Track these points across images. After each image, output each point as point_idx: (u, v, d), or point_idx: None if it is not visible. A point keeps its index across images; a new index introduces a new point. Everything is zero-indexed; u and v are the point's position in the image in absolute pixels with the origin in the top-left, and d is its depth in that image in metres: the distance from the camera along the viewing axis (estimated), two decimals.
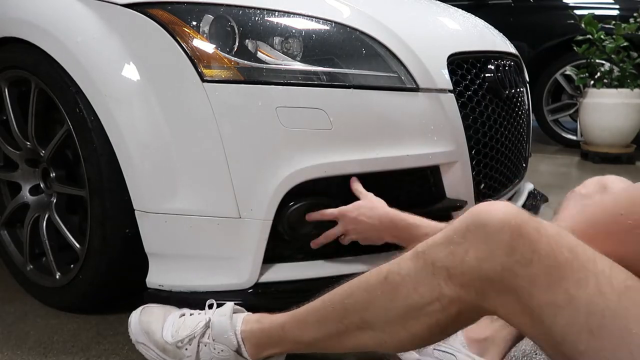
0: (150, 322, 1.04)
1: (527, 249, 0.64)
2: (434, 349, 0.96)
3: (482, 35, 1.51)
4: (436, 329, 0.75)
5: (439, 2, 1.68)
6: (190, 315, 1.03)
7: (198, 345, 0.98)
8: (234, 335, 0.95)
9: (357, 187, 1.13)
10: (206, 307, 1.03)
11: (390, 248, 1.10)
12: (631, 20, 3.46)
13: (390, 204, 1.09)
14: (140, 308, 1.08)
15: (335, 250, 1.16)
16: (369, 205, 1.09)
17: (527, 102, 1.63)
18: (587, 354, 0.61)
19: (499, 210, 0.67)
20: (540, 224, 0.66)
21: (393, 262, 0.78)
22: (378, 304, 0.78)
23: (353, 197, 1.13)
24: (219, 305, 1.01)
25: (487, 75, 1.35)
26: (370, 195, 1.11)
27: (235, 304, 1.01)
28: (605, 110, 3.44)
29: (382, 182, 1.16)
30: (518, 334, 1.00)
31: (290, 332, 0.90)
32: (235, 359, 0.96)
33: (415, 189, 1.21)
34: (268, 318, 0.95)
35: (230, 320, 0.97)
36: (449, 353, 0.96)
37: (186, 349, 0.99)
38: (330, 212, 1.11)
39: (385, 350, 0.87)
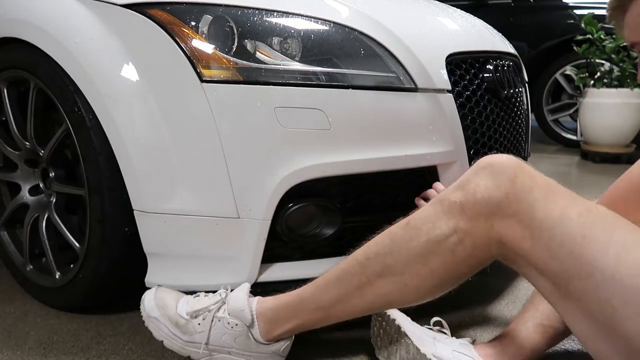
0: (165, 298, 1.06)
1: (528, 179, 0.79)
2: (453, 350, 0.97)
3: (481, 35, 1.51)
4: (452, 266, 0.84)
5: (438, 2, 1.68)
6: (205, 295, 1.05)
7: (212, 321, 1.00)
8: (249, 311, 0.98)
9: None
10: (221, 289, 1.05)
11: None
12: None
13: (387, 203, 1.09)
14: (155, 287, 1.10)
15: (333, 250, 1.16)
16: None
17: (525, 102, 1.63)
18: (581, 259, 0.71)
19: (504, 155, 0.83)
20: (537, 170, 0.81)
21: (414, 212, 0.89)
22: (400, 245, 0.87)
23: (352, 197, 1.13)
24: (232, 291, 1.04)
25: (485, 75, 1.35)
26: None
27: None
28: (605, 110, 3.44)
29: (380, 182, 1.16)
30: (529, 348, 1.02)
31: (309, 298, 0.95)
32: (246, 338, 0.98)
33: (412, 188, 1.21)
34: (284, 294, 0.99)
35: (247, 297, 1.00)
36: (468, 355, 0.96)
37: (199, 324, 1.01)
38: None
39: (405, 297, 0.91)
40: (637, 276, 0.67)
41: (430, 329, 1.04)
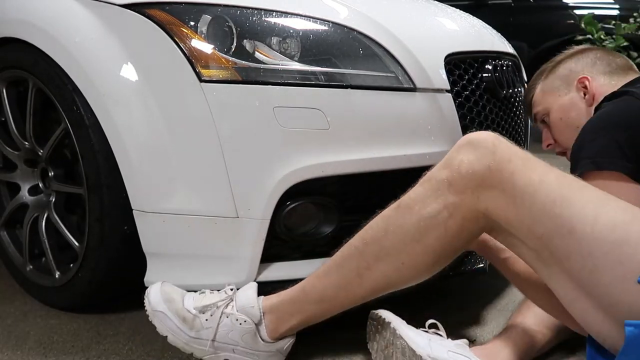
0: (171, 293, 1.05)
1: (506, 150, 0.85)
2: (449, 350, 0.97)
3: (480, 35, 1.51)
4: (445, 240, 0.89)
5: (437, 2, 1.68)
6: (211, 292, 1.05)
7: (220, 317, 1.00)
8: (258, 308, 0.99)
9: None
10: (227, 287, 1.05)
11: None
12: (631, 20, 3.46)
13: (386, 202, 1.09)
14: (160, 282, 1.07)
15: (332, 249, 1.16)
16: None
17: None
18: (562, 218, 0.78)
19: (482, 131, 0.90)
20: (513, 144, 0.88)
21: (404, 194, 0.94)
22: (394, 226, 0.92)
23: (351, 197, 1.12)
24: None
25: (484, 75, 1.35)
26: None
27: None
28: None
29: (378, 182, 1.16)
30: (524, 350, 1.03)
31: (311, 289, 0.98)
32: (253, 335, 0.99)
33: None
34: (287, 290, 1.01)
35: (256, 294, 1.02)
36: (463, 355, 0.96)
37: (207, 320, 1.00)
38: None
39: (404, 276, 0.95)
40: (613, 230, 0.75)
41: (426, 331, 1.04)
